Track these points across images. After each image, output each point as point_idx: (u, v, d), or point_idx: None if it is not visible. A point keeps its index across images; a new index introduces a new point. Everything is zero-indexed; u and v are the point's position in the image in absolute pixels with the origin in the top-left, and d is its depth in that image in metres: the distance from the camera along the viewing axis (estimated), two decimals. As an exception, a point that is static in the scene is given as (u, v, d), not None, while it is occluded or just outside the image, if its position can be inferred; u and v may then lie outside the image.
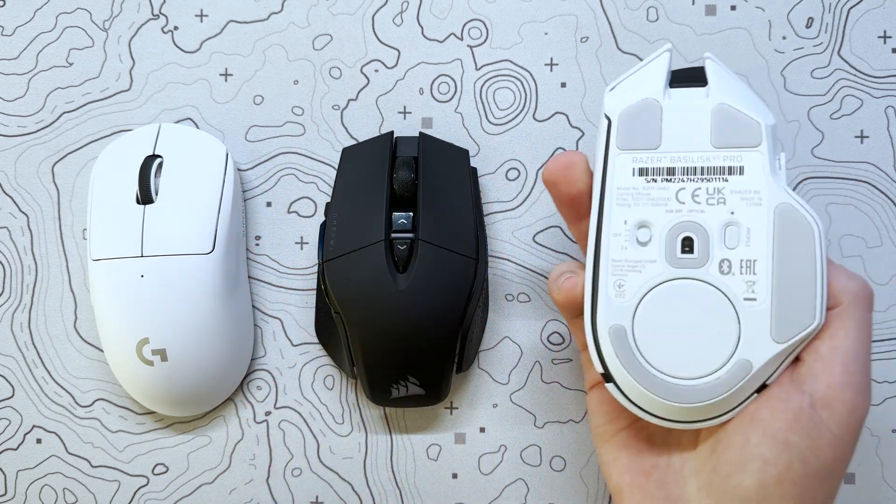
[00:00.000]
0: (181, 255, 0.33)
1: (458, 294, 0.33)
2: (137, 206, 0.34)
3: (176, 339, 0.34)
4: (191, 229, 0.34)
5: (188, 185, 0.34)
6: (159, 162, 0.35)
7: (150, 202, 0.34)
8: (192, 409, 0.36)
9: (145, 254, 0.33)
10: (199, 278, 0.34)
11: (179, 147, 0.35)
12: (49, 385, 0.37)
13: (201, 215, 0.34)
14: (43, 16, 0.37)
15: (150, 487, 0.37)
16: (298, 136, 0.37)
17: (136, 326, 0.34)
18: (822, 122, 0.37)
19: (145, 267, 0.33)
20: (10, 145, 0.37)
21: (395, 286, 0.32)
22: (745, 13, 0.37)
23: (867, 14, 0.37)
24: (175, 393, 0.35)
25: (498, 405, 0.37)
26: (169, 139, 0.35)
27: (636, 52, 0.37)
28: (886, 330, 0.37)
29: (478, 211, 0.36)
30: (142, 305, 0.33)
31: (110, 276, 0.34)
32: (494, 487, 0.37)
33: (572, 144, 0.37)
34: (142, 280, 0.33)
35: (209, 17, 0.38)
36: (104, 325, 0.34)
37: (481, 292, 0.34)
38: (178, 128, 0.36)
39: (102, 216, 0.34)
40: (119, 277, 0.33)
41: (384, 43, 0.37)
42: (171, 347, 0.34)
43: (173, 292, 0.33)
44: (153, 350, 0.34)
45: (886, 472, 0.36)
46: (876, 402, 0.36)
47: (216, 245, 0.34)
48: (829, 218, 0.37)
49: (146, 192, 0.34)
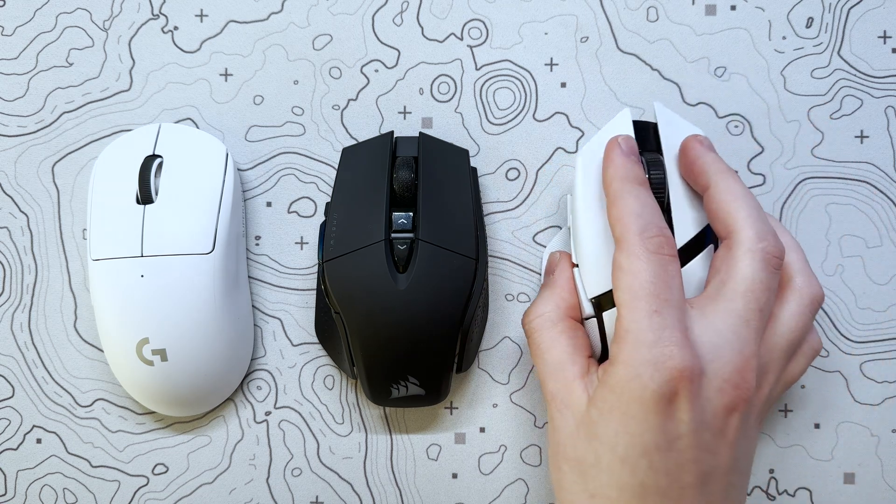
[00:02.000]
0: (181, 255, 0.33)
1: (458, 294, 0.33)
2: (137, 206, 0.34)
3: (176, 338, 0.34)
4: (191, 229, 0.34)
5: (188, 185, 0.34)
6: (159, 162, 0.35)
7: (150, 202, 0.34)
8: (191, 409, 0.36)
9: (145, 254, 0.33)
10: (198, 278, 0.34)
11: (179, 147, 0.35)
12: (49, 385, 0.37)
13: (201, 215, 0.34)
14: (43, 16, 0.37)
15: (150, 487, 0.37)
16: (298, 136, 0.37)
17: (135, 326, 0.34)
18: (822, 122, 0.37)
19: (145, 267, 0.33)
20: (10, 145, 0.37)
21: (395, 286, 0.32)
22: (745, 13, 0.37)
23: (867, 14, 0.37)
24: (175, 393, 0.35)
25: (498, 405, 0.37)
26: (169, 139, 0.35)
27: (636, 53, 0.37)
28: (885, 330, 0.37)
29: (478, 211, 0.36)
30: (142, 305, 0.33)
31: (110, 276, 0.34)
32: (494, 487, 0.37)
33: (572, 144, 0.37)
34: (142, 280, 0.33)
35: (209, 17, 0.37)
36: (104, 325, 0.34)
37: (481, 292, 0.34)
38: (178, 128, 0.36)
39: (102, 216, 0.34)
40: (119, 277, 0.33)
41: (384, 43, 0.37)
42: (171, 347, 0.34)
43: (173, 292, 0.33)
44: (153, 350, 0.34)
45: (886, 472, 0.36)
46: (875, 402, 0.36)
47: (216, 245, 0.34)
48: (828, 218, 0.37)
49: (146, 192, 0.34)
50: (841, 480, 0.37)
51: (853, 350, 0.37)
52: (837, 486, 0.37)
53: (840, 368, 0.37)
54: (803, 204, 0.37)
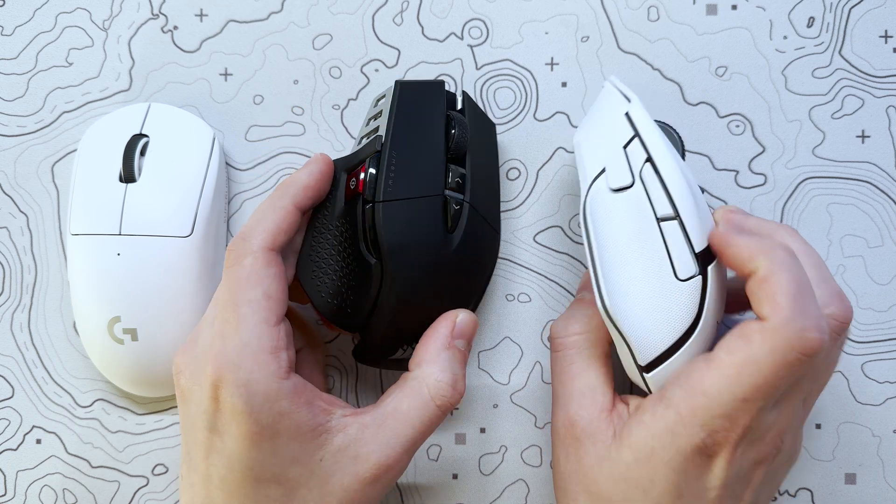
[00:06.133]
0: (159, 237, 0.33)
1: (486, 267, 0.33)
2: (120, 184, 0.34)
3: (148, 319, 0.33)
4: (171, 211, 0.34)
5: (172, 167, 0.34)
6: (145, 142, 0.34)
7: (133, 181, 0.34)
8: (161, 391, 0.36)
9: (123, 232, 0.33)
10: (175, 261, 0.33)
11: (167, 128, 0.35)
12: (49, 385, 0.37)
13: (183, 198, 0.34)
14: (42, 16, 0.37)
15: (150, 488, 0.37)
16: (298, 135, 0.37)
17: (108, 304, 0.33)
18: (823, 121, 0.37)
19: (122, 245, 0.33)
20: (9, 145, 0.37)
21: (446, 246, 0.31)
22: (746, 13, 0.37)
23: (868, 14, 0.37)
24: (144, 373, 0.34)
25: (498, 405, 0.37)
26: (157, 119, 0.35)
27: (637, 52, 0.37)
28: (886, 330, 0.37)
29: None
30: (116, 283, 0.33)
31: (87, 252, 0.33)
32: (495, 488, 0.37)
33: (572, 144, 0.37)
34: (118, 258, 0.33)
35: (209, 16, 0.37)
36: (78, 300, 0.34)
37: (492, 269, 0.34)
38: (167, 108, 0.36)
39: (85, 191, 0.34)
40: (95, 254, 0.33)
41: (384, 42, 0.37)
42: (141, 327, 0.33)
43: (148, 273, 0.33)
44: (124, 329, 0.33)
45: (887, 472, 0.36)
46: (876, 403, 0.36)
47: (195, 229, 0.34)
48: (830, 218, 0.37)
49: (129, 171, 0.34)
50: (842, 481, 0.36)
51: (855, 350, 0.36)
52: (839, 486, 0.36)
53: (841, 368, 0.36)
54: (804, 204, 0.37)
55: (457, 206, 0.32)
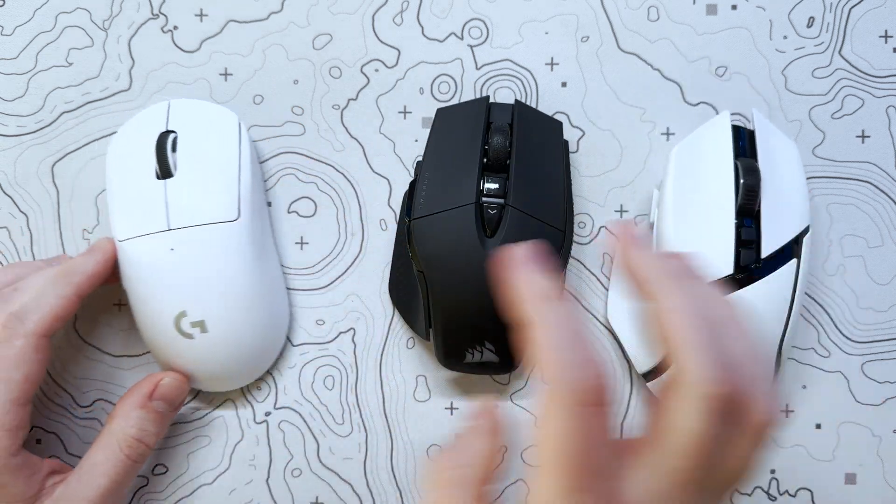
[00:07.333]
0: (208, 225, 0.33)
1: None
2: (158, 181, 0.34)
3: (214, 308, 0.33)
4: (214, 198, 0.34)
5: (205, 156, 0.34)
6: (174, 137, 0.34)
7: (171, 176, 0.34)
8: (235, 382, 0.36)
9: (172, 227, 0.33)
10: (228, 245, 0.33)
11: (192, 120, 0.35)
12: (49, 385, 0.37)
13: (223, 183, 0.34)
14: (42, 16, 0.37)
15: (150, 488, 0.37)
16: (298, 135, 0.37)
17: (171, 301, 0.33)
18: (823, 121, 0.37)
19: (174, 240, 0.33)
20: (9, 145, 0.37)
21: (482, 249, 0.32)
22: (746, 13, 0.37)
23: (868, 14, 0.37)
24: (219, 364, 0.35)
25: (498, 405, 0.37)
26: (180, 114, 0.35)
27: (637, 52, 0.37)
28: (887, 330, 0.37)
29: (568, 183, 0.36)
30: (175, 279, 0.33)
31: (140, 254, 0.33)
32: (495, 488, 0.37)
33: (573, 144, 0.37)
34: (172, 253, 0.33)
35: (209, 16, 0.37)
36: (139, 304, 0.34)
37: (566, 266, 0.34)
38: (187, 102, 0.36)
39: (124, 196, 0.34)
40: (149, 254, 0.33)
41: (384, 42, 0.37)
42: (209, 318, 0.33)
43: (205, 262, 0.33)
44: (192, 322, 0.33)
45: (888, 472, 0.36)
46: (876, 403, 0.36)
47: (241, 211, 0.34)
48: (830, 218, 0.37)
49: (165, 167, 0.34)
50: (842, 481, 0.36)
51: (854, 350, 0.36)
52: (839, 486, 0.36)
53: (841, 369, 0.36)
54: (804, 204, 0.37)
55: (492, 210, 0.32)
